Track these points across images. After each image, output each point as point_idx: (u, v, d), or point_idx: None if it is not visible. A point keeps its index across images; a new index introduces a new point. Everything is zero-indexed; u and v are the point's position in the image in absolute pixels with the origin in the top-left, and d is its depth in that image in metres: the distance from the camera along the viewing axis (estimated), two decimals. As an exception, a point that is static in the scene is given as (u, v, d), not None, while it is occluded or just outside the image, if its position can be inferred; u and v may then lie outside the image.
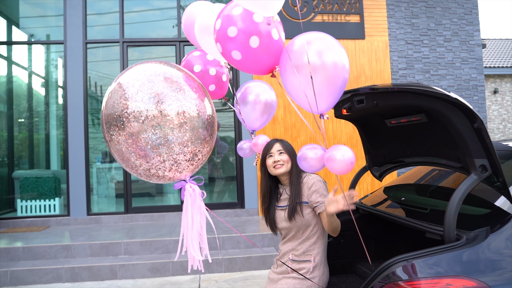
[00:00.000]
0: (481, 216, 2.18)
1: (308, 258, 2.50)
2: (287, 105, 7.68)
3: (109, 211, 7.49)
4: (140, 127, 1.84)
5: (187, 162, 2.00)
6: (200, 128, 1.98)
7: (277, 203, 2.65)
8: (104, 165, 7.95)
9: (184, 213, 2.08)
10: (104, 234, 6.30)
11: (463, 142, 2.02)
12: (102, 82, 7.87)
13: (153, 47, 7.81)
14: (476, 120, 1.92)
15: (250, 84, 2.96)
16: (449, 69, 7.98)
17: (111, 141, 1.93)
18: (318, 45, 1.84)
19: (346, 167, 1.85)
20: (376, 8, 7.81)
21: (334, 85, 1.84)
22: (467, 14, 8.08)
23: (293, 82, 1.87)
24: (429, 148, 2.49)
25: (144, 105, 1.84)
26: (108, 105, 1.91)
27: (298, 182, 2.54)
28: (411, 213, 2.49)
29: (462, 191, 1.95)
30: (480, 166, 1.97)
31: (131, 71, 1.99)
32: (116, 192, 7.89)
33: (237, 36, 1.93)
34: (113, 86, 1.95)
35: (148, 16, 7.94)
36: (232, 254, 5.70)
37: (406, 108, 2.31)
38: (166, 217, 7.36)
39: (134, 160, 1.93)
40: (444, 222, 1.94)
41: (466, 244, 1.88)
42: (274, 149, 2.59)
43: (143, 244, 5.80)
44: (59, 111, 7.98)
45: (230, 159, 8.10)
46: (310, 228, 2.52)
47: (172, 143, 1.89)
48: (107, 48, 7.70)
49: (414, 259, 1.85)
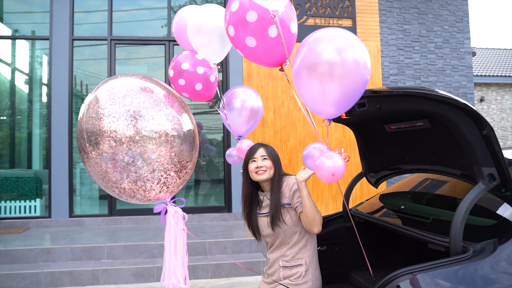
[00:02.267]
0: (486, 227, 2.10)
1: (300, 262, 2.40)
2: (276, 108, 7.58)
3: (92, 213, 7.27)
4: (117, 144, 1.80)
5: (165, 181, 1.94)
6: (180, 145, 1.93)
7: (259, 210, 2.56)
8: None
9: (167, 237, 2.00)
10: (86, 237, 6.10)
11: (470, 150, 1.93)
12: (88, 81, 7.65)
13: (141, 47, 7.64)
14: (485, 127, 1.83)
15: (237, 89, 2.92)
16: (439, 76, 7.98)
17: (87, 157, 1.85)
18: (337, 41, 1.70)
19: (328, 178, 1.75)
20: (368, 13, 7.78)
21: (354, 86, 1.71)
22: (458, 21, 8.10)
23: (305, 83, 1.74)
24: (431, 155, 2.40)
25: (121, 123, 1.80)
26: (86, 119, 1.87)
27: (279, 188, 2.46)
28: (412, 223, 2.39)
29: (469, 201, 1.86)
30: (488, 175, 1.88)
31: (108, 84, 1.93)
32: (99, 193, 7.67)
33: (256, 22, 1.79)
34: (90, 98, 1.91)
35: (137, 15, 7.77)
36: (218, 260, 5.55)
37: (408, 113, 2.22)
38: (151, 220, 7.17)
39: (108, 177, 1.87)
40: (450, 233, 1.85)
41: (474, 257, 1.78)
42: (258, 154, 2.50)
43: (127, 248, 5.61)
44: (43, 110, 7.74)
45: (217, 162, 7.95)
46: (297, 233, 2.43)
47: (150, 160, 1.85)
48: (94, 47, 7.50)
49: (420, 272, 1.75)
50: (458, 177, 2.23)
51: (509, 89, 16.65)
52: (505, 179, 1.86)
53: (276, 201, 2.42)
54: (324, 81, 1.65)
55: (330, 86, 1.65)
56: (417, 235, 2.14)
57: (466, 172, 2.10)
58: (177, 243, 1.97)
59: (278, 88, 7.64)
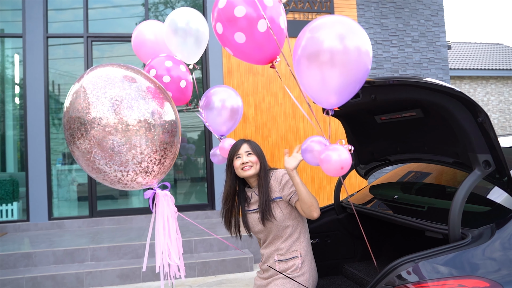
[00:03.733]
0: (480, 213, 2.13)
1: (295, 254, 2.39)
2: (257, 104, 7.56)
3: (73, 215, 7.09)
4: (103, 132, 1.80)
5: (152, 166, 1.97)
6: (161, 133, 1.94)
7: (248, 207, 2.53)
8: (65, 167, 7.53)
9: (159, 219, 2.02)
10: (68, 240, 5.94)
11: (465, 137, 1.95)
12: (63, 80, 7.43)
13: (117, 44, 7.47)
14: (480, 114, 1.86)
15: (216, 89, 2.91)
16: (417, 69, 8.12)
17: (73, 144, 1.86)
18: (339, 28, 1.68)
19: (335, 172, 1.74)
20: (346, 7, 7.83)
21: (356, 75, 1.69)
22: (433, 15, 8.25)
23: (306, 72, 1.71)
24: (423, 144, 2.42)
25: (105, 110, 1.81)
26: (72, 108, 1.87)
27: (266, 182, 2.44)
28: (407, 212, 2.41)
29: (466, 188, 1.88)
30: (483, 162, 1.91)
31: (93, 73, 1.92)
32: (79, 195, 7.48)
33: (244, 17, 1.77)
34: (76, 88, 1.90)
35: (113, 12, 7.59)
36: (205, 258, 5.51)
37: (401, 103, 2.23)
38: (134, 220, 7.05)
39: (97, 165, 1.88)
40: (448, 220, 1.87)
41: (473, 243, 1.81)
42: (242, 150, 2.48)
43: (111, 249, 5.50)
44: (16, 111, 7.49)
45: (198, 159, 7.88)
46: (290, 226, 2.42)
47: (135, 147, 1.86)
48: (68, 46, 7.29)
49: (421, 259, 1.76)
50: (451, 165, 2.25)
51: (481, 81, 17.11)
52: (500, 165, 1.89)
53: (265, 196, 2.40)
54: (326, 69, 1.64)
55: (332, 74, 1.64)
56: (414, 223, 2.15)
57: (460, 159, 2.13)
58: (170, 223, 2.00)
59: (259, 84, 7.62)
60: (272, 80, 7.67)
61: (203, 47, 2.60)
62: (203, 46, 2.59)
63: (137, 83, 1.94)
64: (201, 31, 2.55)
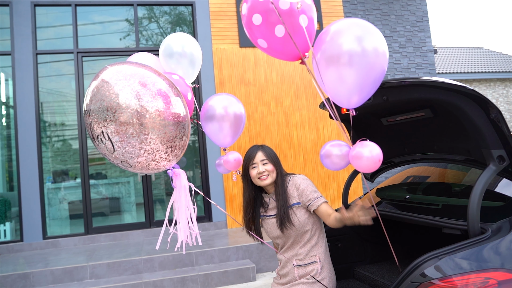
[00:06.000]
0: (495, 208, 2.16)
1: (314, 259, 2.38)
2: (250, 114, 7.58)
3: (68, 233, 6.97)
4: (127, 118, 1.81)
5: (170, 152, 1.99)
6: (171, 125, 1.92)
7: (266, 213, 2.52)
8: (57, 185, 7.41)
9: (182, 194, 2.12)
10: (65, 258, 5.83)
11: (478, 134, 1.99)
12: (52, 98, 7.32)
13: (108, 59, 7.43)
14: (492, 111, 1.90)
15: (215, 98, 2.76)
16: (405, 74, 8.26)
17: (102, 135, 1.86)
18: (356, 30, 1.72)
19: (373, 165, 1.77)
20: (334, 15, 7.95)
21: (373, 76, 1.73)
22: (418, 21, 8.43)
23: (328, 73, 1.74)
24: (433, 143, 2.46)
25: (130, 98, 1.82)
26: (95, 99, 1.86)
27: (283, 189, 2.42)
28: (423, 211, 2.43)
29: (482, 183, 1.92)
30: (498, 157, 1.95)
31: (112, 68, 1.93)
32: (73, 212, 7.35)
33: (288, 10, 1.77)
34: (97, 82, 1.89)
35: (103, 28, 7.56)
36: (207, 270, 5.45)
37: (412, 104, 2.27)
38: (130, 235, 6.96)
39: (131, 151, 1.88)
40: (467, 215, 1.90)
41: (493, 236, 1.84)
42: (257, 159, 2.44)
43: (111, 266, 5.41)
44: (3, 130, 7.36)
45: (192, 172, 7.83)
46: (309, 231, 2.41)
47: (158, 134, 1.88)
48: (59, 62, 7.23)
49: (445, 255, 1.79)
50: (462, 163, 2.30)
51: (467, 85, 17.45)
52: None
53: (283, 203, 2.38)
54: (347, 70, 1.67)
55: (354, 74, 1.67)
56: (433, 221, 2.18)
57: (472, 157, 2.17)
58: (187, 197, 2.12)
59: (251, 94, 7.66)
60: (264, 89, 7.71)
61: (197, 69, 2.70)
62: (197, 67, 2.71)
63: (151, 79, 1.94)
64: (195, 55, 2.70)
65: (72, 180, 7.37)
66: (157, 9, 7.72)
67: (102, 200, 7.52)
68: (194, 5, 7.55)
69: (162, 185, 7.76)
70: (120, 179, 7.69)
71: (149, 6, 7.62)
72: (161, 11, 7.76)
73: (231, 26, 7.67)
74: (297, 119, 7.85)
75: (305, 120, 7.88)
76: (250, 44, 7.65)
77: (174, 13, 7.85)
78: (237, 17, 7.68)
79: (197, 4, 7.55)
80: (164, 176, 7.69)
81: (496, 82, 16.97)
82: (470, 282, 1.67)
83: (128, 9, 7.43)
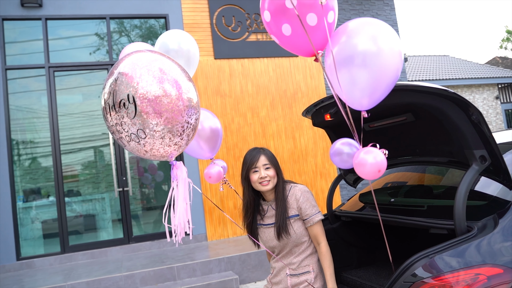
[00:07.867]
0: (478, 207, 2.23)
1: (307, 269, 2.39)
2: (227, 125, 7.58)
3: (42, 253, 6.73)
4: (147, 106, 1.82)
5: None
6: (188, 107, 1.94)
7: (262, 221, 2.49)
8: (29, 204, 7.16)
9: (180, 186, 2.07)
10: (41, 279, 5.63)
11: (460, 136, 2.06)
12: (22, 115, 7.07)
13: (81, 74, 7.30)
14: (473, 112, 1.98)
15: None
16: (377, 82, 8.45)
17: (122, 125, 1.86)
18: (370, 30, 1.77)
19: (372, 174, 1.80)
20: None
21: (388, 77, 1.77)
22: (388, 31, 8.67)
23: (341, 74, 1.77)
24: (415, 147, 2.53)
25: (152, 83, 1.83)
26: (115, 92, 1.87)
27: (284, 197, 2.39)
28: (408, 213, 2.49)
29: (466, 183, 1.98)
30: (480, 157, 2.02)
31: (129, 59, 1.93)
32: (47, 232, 7.11)
33: (294, 9, 1.76)
34: (114, 76, 1.89)
35: (75, 41, 7.42)
36: (189, 283, 5.38)
37: (394, 108, 2.33)
38: (109, 252, 6.80)
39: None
40: (454, 215, 1.95)
41: (479, 234, 1.90)
42: (260, 163, 2.39)
43: (90, 284, 5.26)
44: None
45: (165, 187, 7.70)
46: (306, 242, 2.42)
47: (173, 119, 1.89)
48: (29, 78, 7.04)
49: (435, 254, 1.83)
50: (445, 165, 2.37)
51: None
52: (496, 159, 2.01)
53: (282, 212, 2.35)
54: (360, 72, 1.71)
55: (368, 76, 1.71)
56: (419, 222, 2.23)
57: (455, 158, 2.24)
58: (186, 190, 2.09)
59: (227, 105, 7.67)
60: (240, 101, 7.74)
61: (194, 67, 2.62)
62: (194, 65, 2.61)
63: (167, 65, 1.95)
64: (192, 52, 2.58)
65: (45, 199, 7.15)
66: (128, 22, 7.66)
67: (76, 218, 7.31)
68: (167, 17, 7.53)
69: (138, 199, 7.62)
70: (94, 196, 7.50)
71: (121, 20, 7.55)
72: (131, 24, 7.71)
73: (205, 38, 7.69)
74: (274, 129, 7.90)
75: (282, 130, 7.94)
76: (225, 55, 7.69)
77: (145, 26, 7.80)
78: (211, 29, 7.71)
79: (171, 17, 7.54)
80: (141, 191, 7.57)
81: (463, 88, 17.57)
82: (461, 279, 1.72)
83: (100, 23, 7.35)
